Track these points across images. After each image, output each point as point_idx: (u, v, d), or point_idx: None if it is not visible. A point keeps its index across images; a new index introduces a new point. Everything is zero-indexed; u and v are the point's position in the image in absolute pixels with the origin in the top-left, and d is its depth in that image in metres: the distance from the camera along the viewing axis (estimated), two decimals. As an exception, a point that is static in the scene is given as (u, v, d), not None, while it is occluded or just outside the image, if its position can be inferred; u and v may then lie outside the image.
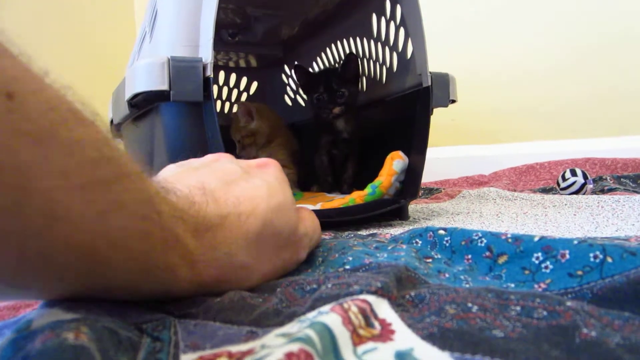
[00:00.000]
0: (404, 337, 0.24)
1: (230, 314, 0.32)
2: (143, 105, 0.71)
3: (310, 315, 0.26)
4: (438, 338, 0.24)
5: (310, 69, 1.31)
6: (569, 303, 0.28)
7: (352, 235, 0.65)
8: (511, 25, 1.54)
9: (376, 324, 0.25)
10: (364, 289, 0.28)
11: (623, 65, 1.36)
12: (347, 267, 0.37)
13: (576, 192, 1.01)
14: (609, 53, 1.38)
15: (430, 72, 0.83)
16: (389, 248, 0.43)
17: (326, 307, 0.25)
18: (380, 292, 0.28)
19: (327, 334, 0.21)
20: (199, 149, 0.69)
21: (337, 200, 0.81)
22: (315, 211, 0.76)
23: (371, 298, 0.27)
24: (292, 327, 0.24)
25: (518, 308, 0.28)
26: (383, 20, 0.98)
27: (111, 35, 2.03)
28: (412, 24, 0.86)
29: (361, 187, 0.85)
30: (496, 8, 1.57)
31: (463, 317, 0.26)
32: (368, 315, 0.25)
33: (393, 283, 0.30)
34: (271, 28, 1.27)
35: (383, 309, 0.27)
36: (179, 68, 0.63)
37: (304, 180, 1.23)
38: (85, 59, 1.93)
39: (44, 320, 0.25)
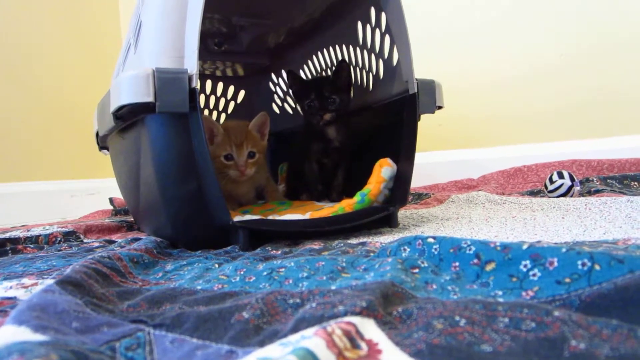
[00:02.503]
0: (392, 356, 0.24)
1: (209, 326, 0.31)
2: (129, 117, 0.71)
3: (293, 338, 0.25)
4: (426, 355, 0.24)
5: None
6: (556, 313, 0.27)
7: (342, 245, 0.65)
8: (497, 32, 1.55)
9: (362, 344, 0.25)
10: (348, 310, 0.27)
11: (607, 68, 1.37)
12: (333, 287, 0.37)
13: (564, 195, 1.02)
14: (593, 57, 1.39)
15: (416, 79, 0.84)
16: (376, 266, 0.42)
17: (309, 331, 0.25)
18: (366, 312, 0.28)
19: (310, 358, 0.21)
20: (186, 160, 0.69)
21: (327, 209, 0.81)
22: (305, 221, 0.76)
23: (356, 319, 0.27)
24: (273, 350, 0.24)
25: (506, 319, 0.28)
26: (368, 27, 0.98)
27: (97, 42, 2.02)
28: (397, 31, 0.86)
29: (350, 194, 0.85)
30: (482, 17, 1.58)
31: (451, 332, 0.26)
32: (354, 336, 0.25)
33: (379, 301, 0.30)
34: (257, 37, 1.27)
35: (369, 329, 0.27)
36: (164, 80, 0.63)
37: (293, 189, 1.23)
38: (71, 66, 1.91)
39: (10, 338, 0.24)
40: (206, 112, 1.47)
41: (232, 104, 1.52)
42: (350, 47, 1.08)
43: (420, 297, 0.35)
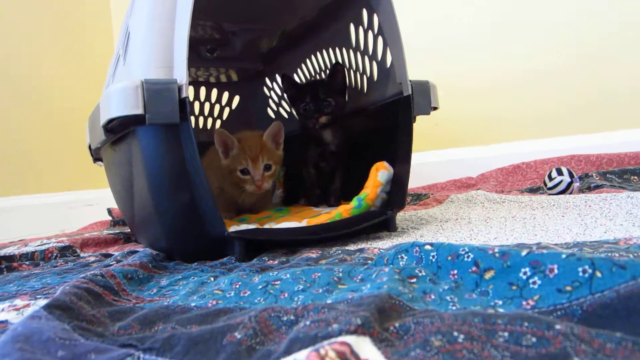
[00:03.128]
0: (386, 380, 0.23)
1: (199, 349, 0.30)
2: (119, 129, 0.70)
3: (285, 363, 0.24)
4: (423, 378, 0.23)
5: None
6: (558, 326, 0.26)
7: (340, 252, 0.64)
8: (493, 32, 1.54)
9: (356, 367, 0.24)
10: (343, 329, 0.26)
11: (605, 64, 1.36)
12: (329, 301, 0.36)
13: (563, 192, 1.01)
14: (590, 53, 1.38)
15: (410, 80, 0.83)
16: (373, 276, 0.41)
17: (302, 354, 0.24)
18: (361, 330, 0.27)
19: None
20: (178, 172, 0.68)
21: (324, 216, 0.80)
22: (302, 228, 0.75)
23: (351, 338, 0.26)
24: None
25: (506, 334, 0.27)
26: (361, 30, 0.97)
27: (93, 53, 2.01)
28: (389, 33, 0.85)
29: (347, 198, 0.84)
30: (477, 18, 1.57)
31: (449, 350, 0.25)
32: (348, 358, 0.24)
33: (375, 316, 0.29)
34: (250, 42, 1.26)
35: (365, 348, 0.26)
36: (153, 91, 0.62)
37: (290, 193, 1.22)
38: (67, 78, 1.90)
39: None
40: (201, 119, 1.46)
41: (227, 110, 1.51)
42: (344, 50, 1.08)
43: (418, 309, 0.34)
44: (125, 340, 0.33)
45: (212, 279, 0.55)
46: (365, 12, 0.93)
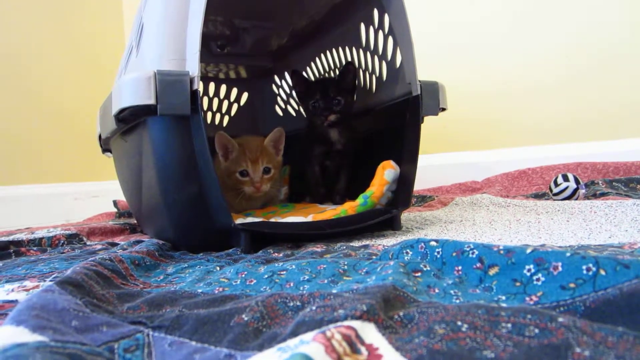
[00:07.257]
0: (392, 361, 0.23)
1: (208, 329, 0.31)
2: (130, 119, 0.70)
3: (292, 342, 0.25)
4: (427, 361, 0.23)
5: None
6: (560, 319, 0.27)
7: (344, 247, 0.65)
8: (504, 39, 1.55)
9: (362, 349, 0.25)
10: (348, 314, 0.27)
11: (612, 73, 1.37)
12: (334, 291, 0.36)
13: (568, 198, 1.01)
14: (598, 61, 1.39)
15: (419, 81, 0.83)
16: (378, 269, 0.42)
17: (308, 335, 0.25)
18: (366, 316, 0.27)
19: (308, 365, 0.20)
20: (188, 163, 0.69)
21: (329, 212, 0.80)
22: (307, 223, 0.76)
23: (356, 323, 0.26)
24: (271, 355, 0.23)
25: (509, 325, 0.27)
26: (371, 29, 0.98)
27: (100, 44, 2.02)
28: (400, 33, 0.86)
29: (352, 197, 0.85)
30: (489, 25, 1.57)
31: (453, 338, 0.26)
32: (353, 341, 0.24)
33: (380, 305, 0.30)
34: (260, 39, 1.27)
35: (369, 333, 0.26)
36: (165, 82, 0.62)
37: (296, 191, 1.22)
38: (74, 68, 1.92)
39: (8, 340, 0.24)
40: (209, 114, 1.47)
41: (235, 106, 1.52)
42: (353, 49, 1.08)
43: (422, 301, 0.35)
44: (135, 318, 0.33)
45: (217, 268, 0.55)
46: (376, 12, 0.94)
